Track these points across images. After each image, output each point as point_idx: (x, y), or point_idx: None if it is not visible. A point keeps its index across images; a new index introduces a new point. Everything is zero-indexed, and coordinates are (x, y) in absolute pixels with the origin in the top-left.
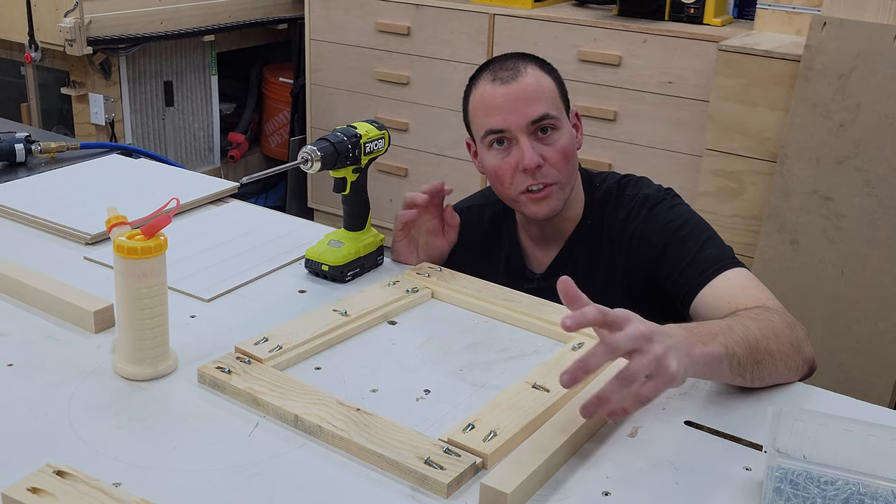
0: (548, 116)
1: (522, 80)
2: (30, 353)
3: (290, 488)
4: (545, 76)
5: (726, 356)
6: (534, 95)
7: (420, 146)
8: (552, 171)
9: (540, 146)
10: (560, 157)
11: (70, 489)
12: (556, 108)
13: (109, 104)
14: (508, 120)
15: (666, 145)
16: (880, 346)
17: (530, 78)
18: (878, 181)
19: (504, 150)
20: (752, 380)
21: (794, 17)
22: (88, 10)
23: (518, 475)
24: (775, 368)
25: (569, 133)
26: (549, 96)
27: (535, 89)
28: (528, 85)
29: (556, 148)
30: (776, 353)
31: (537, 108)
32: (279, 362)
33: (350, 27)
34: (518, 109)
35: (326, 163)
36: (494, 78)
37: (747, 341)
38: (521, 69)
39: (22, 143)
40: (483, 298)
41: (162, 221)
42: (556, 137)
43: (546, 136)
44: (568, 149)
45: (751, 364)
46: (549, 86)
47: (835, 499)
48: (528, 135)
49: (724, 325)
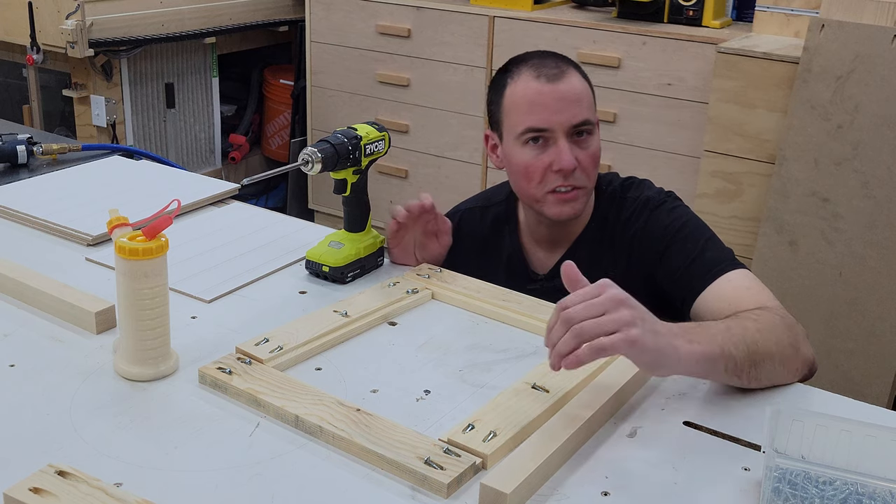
0: (588, 122)
1: (569, 80)
2: (32, 354)
3: (290, 488)
4: (584, 81)
5: (721, 357)
6: (578, 98)
7: (420, 148)
8: (583, 176)
9: (576, 149)
10: (592, 163)
11: (72, 489)
12: (593, 113)
13: (111, 106)
14: (552, 120)
15: (665, 147)
16: (878, 346)
17: (576, 80)
18: (876, 183)
19: (539, 147)
20: (750, 381)
21: (792, 19)
22: (90, 13)
23: (518, 475)
24: (773, 370)
25: (598, 139)
26: (589, 101)
27: (580, 92)
28: (574, 87)
29: (589, 153)
30: (775, 354)
31: (581, 111)
32: (280, 363)
33: (350, 29)
34: (564, 110)
35: (327, 164)
36: (539, 75)
37: (745, 343)
38: (566, 70)
39: (24, 145)
40: (483, 299)
41: (163, 223)
42: (591, 142)
43: (582, 140)
44: (598, 155)
45: (748, 365)
46: (587, 90)
47: (833, 499)
48: (567, 136)
49: (723, 327)
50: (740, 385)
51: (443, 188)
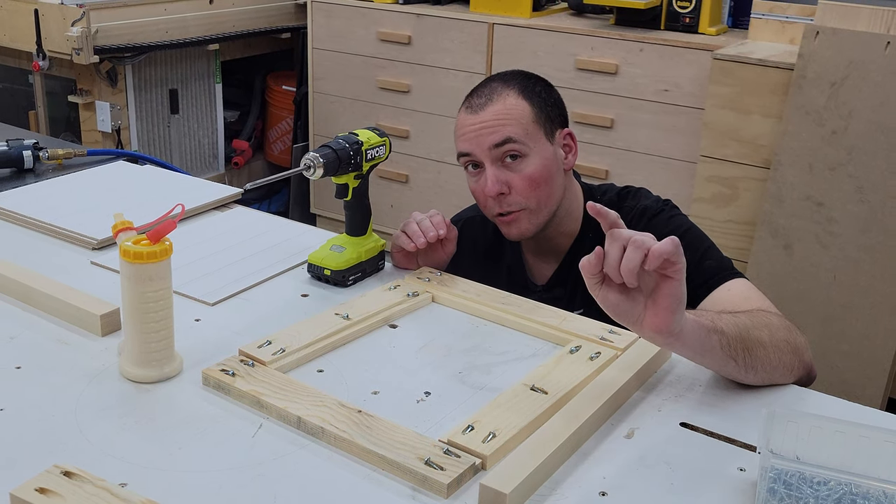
0: (510, 141)
1: (491, 107)
2: (38, 356)
3: (292, 489)
4: (522, 101)
5: (714, 331)
6: (498, 122)
7: (420, 153)
8: (518, 199)
9: (507, 173)
10: (526, 185)
11: (77, 489)
12: (524, 133)
13: (116, 112)
14: (472, 145)
15: (662, 152)
16: (871, 349)
17: (499, 105)
18: (870, 187)
19: (477, 173)
20: (745, 366)
21: (787, 26)
22: (95, 20)
23: (517, 475)
24: (768, 359)
25: (541, 158)
26: (518, 122)
27: (502, 116)
28: (496, 112)
29: (521, 175)
30: (768, 343)
31: (499, 133)
32: (282, 365)
33: (352, 36)
34: (481, 136)
35: (329, 169)
36: (469, 105)
37: (737, 326)
38: (495, 97)
39: (30, 150)
40: (482, 302)
41: (167, 227)
42: (523, 165)
43: (513, 163)
44: (536, 175)
45: (741, 349)
46: (520, 112)
47: (827, 499)
48: (493, 161)
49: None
50: (737, 371)
51: (442, 192)
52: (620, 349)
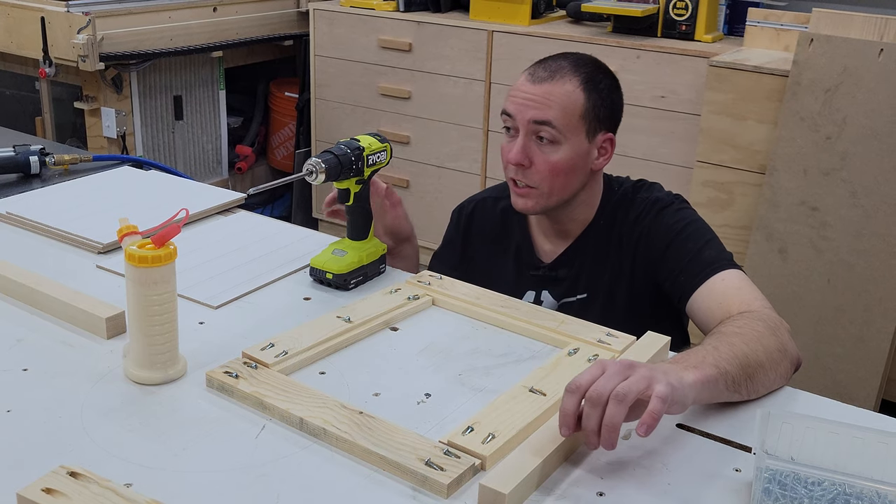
0: (549, 125)
1: (549, 85)
2: (44, 359)
3: (295, 489)
4: (580, 92)
5: (720, 376)
6: (547, 101)
7: (421, 158)
8: (535, 177)
9: (534, 149)
10: (546, 168)
11: (83, 490)
12: (566, 123)
13: (121, 118)
14: (516, 110)
15: (659, 157)
16: (865, 351)
17: (557, 87)
18: (864, 192)
19: (510, 136)
20: (748, 393)
21: (782, 33)
22: (101, 27)
23: (516, 476)
24: (767, 379)
25: (572, 152)
26: (565, 110)
27: (556, 97)
28: (550, 92)
29: (546, 159)
30: (766, 363)
31: (543, 112)
32: (285, 367)
33: (353, 44)
34: (526, 106)
35: (331, 174)
36: (532, 73)
37: (737, 358)
38: (557, 77)
39: (36, 156)
40: (482, 305)
41: (172, 231)
42: (552, 151)
43: (543, 145)
44: (560, 165)
45: (744, 379)
46: (572, 102)
47: (821, 499)
48: (527, 132)
49: (711, 348)
50: (740, 399)
51: (443, 197)
52: (618, 351)
